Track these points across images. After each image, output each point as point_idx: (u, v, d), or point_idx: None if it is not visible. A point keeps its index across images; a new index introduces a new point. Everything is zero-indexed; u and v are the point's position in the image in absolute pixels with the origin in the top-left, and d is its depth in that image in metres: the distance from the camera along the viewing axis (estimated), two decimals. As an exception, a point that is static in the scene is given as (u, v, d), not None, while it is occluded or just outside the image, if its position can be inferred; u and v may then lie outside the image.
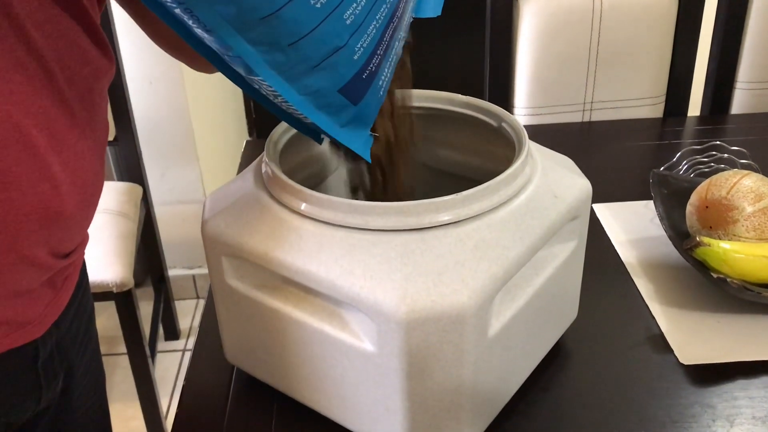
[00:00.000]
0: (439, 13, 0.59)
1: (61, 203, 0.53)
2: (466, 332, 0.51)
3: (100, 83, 0.57)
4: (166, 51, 0.66)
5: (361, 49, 0.49)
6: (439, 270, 0.51)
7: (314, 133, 0.61)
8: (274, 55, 0.47)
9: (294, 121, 0.58)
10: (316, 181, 0.73)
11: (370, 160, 0.57)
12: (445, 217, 0.53)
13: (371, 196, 0.67)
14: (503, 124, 0.65)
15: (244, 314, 0.61)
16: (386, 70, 0.55)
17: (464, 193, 0.54)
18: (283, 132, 0.64)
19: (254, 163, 0.64)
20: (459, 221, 0.54)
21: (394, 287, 0.50)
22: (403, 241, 0.52)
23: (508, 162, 0.63)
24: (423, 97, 0.70)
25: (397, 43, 0.55)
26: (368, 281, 0.51)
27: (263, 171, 0.60)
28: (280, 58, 0.47)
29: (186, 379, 0.69)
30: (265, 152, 0.60)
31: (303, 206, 0.55)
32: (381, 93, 0.56)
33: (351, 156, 0.64)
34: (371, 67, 0.52)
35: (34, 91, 0.49)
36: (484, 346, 0.54)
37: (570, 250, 0.63)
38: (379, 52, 0.52)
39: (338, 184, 0.75)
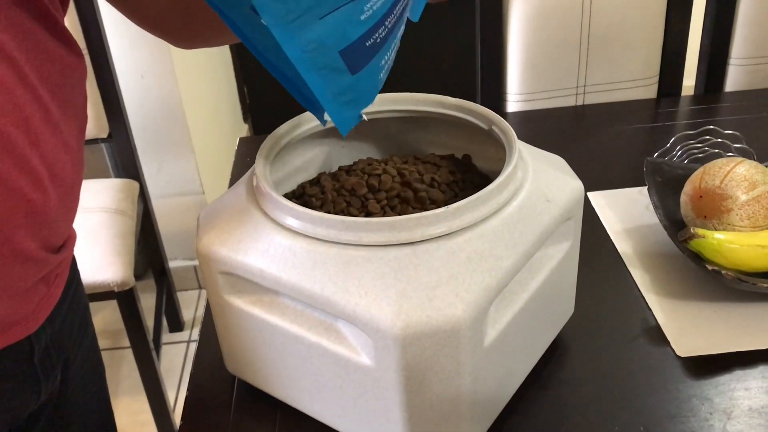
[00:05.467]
0: (417, 20, 0.58)
1: (43, 195, 0.54)
2: (462, 344, 0.52)
3: (71, 79, 0.58)
4: (148, 30, 0.68)
5: (371, 10, 0.48)
6: (433, 284, 0.51)
7: (291, 85, 0.58)
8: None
9: (271, 65, 0.56)
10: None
11: (344, 135, 0.55)
12: (436, 230, 0.53)
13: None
14: (493, 128, 0.65)
15: (242, 328, 0.61)
16: (389, 52, 0.53)
17: (455, 205, 0.54)
18: (273, 144, 0.64)
19: (246, 175, 0.64)
20: (451, 233, 0.54)
21: (389, 303, 0.51)
22: (396, 255, 0.53)
23: (500, 161, 0.62)
24: (413, 100, 0.70)
25: (399, 30, 0.54)
26: (363, 298, 0.51)
27: (255, 185, 0.60)
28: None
29: (188, 389, 0.70)
30: (256, 166, 0.60)
31: (295, 223, 0.55)
32: (381, 75, 0.54)
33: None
34: (376, 38, 0.50)
35: (8, 90, 0.50)
36: (480, 355, 0.54)
37: (564, 250, 0.63)
38: (387, 23, 0.50)
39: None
